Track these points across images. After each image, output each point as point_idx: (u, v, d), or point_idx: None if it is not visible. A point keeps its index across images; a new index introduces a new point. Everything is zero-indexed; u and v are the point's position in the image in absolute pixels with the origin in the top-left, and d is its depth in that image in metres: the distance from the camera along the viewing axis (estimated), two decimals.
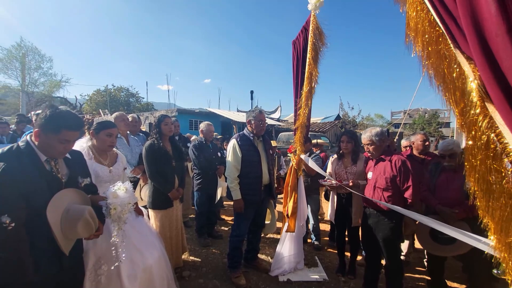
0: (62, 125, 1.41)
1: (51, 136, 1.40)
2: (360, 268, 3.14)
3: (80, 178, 1.63)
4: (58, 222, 1.39)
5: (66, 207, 1.44)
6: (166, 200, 2.82)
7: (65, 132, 1.42)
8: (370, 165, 2.65)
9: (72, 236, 1.45)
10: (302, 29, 2.85)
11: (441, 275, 2.73)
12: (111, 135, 2.11)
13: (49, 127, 1.39)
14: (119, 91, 27.91)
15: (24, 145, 1.40)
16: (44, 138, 1.40)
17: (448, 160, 2.56)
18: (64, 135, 1.42)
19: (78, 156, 1.75)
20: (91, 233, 1.50)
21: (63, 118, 1.43)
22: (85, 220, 1.44)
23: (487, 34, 0.76)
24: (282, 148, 8.46)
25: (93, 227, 1.49)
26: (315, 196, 3.97)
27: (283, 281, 2.93)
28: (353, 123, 22.95)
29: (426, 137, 3.42)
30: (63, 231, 1.41)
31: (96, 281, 1.92)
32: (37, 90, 21.00)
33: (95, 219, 1.50)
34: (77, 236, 1.47)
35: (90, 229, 1.47)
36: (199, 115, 19.14)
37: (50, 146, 1.42)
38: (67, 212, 1.42)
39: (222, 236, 4.09)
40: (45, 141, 1.41)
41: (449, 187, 2.54)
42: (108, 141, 2.11)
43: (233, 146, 2.87)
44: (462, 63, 0.86)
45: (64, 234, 1.41)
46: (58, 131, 1.40)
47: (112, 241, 1.75)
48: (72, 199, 1.50)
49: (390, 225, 2.42)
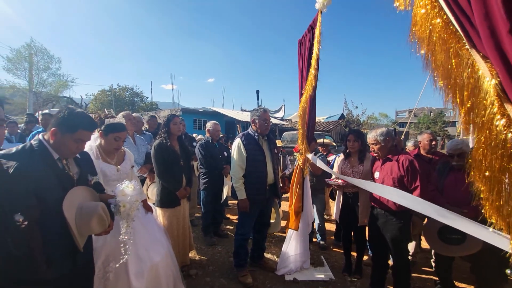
0: (79, 125, 1.47)
1: (67, 135, 1.44)
2: (366, 268, 3.13)
3: (90, 176, 1.68)
4: (73, 219, 1.43)
5: (80, 204, 1.47)
6: (174, 199, 2.84)
7: (81, 132, 1.47)
8: (377, 165, 2.63)
9: (86, 232, 1.50)
10: (308, 28, 2.84)
11: (449, 275, 2.71)
12: (119, 139, 2.12)
13: (66, 126, 1.44)
14: (124, 90, 28.12)
15: (37, 143, 1.43)
16: (60, 137, 1.44)
17: (457, 160, 2.53)
18: (80, 134, 1.47)
19: (86, 155, 1.79)
20: (104, 228, 1.54)
21: (80, 119, 1.49)
22: (99, 216, 1.48)
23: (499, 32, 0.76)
24: (287, 147, 8.44)
25: (106, 223, 1.53)
26: (320, 196, 3.96)
27: (289, 280, 2.93)
28: (357, 122, 22.84)
29: (432, 136, 3.39)
30: (77, 227, 1.44)
31: (105, 278, 1.95)
32: (45, 90, 21.26)
33: (108, 215, 1.55)
34: (91, 232, 1.51)
35: (103, 224, 1.52)
36: (203, 114, 19.21)
37: (65, 145, 1.45)
38: (81, 209, 1.46)
39: (228, 235, 4.11)
40: (60, 140, 1.45)
41: (458, 187, 2.51)
42: (115, 144, 2.13)
43: (238, 146, 2.87)
44: (478, 62, 0.85)
45: (79, 230, 1.45)
46: (75, 131, 1.45)
47: (120, 238, 1.78)
48: (84, 197, 1.53)
49: (398, 225, 2.40)
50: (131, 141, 3.49)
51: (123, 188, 1.78)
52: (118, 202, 1.72)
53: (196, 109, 20.87)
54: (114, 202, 1.72)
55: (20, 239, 1.20)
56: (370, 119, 27.53)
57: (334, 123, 20.13)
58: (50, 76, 21.54)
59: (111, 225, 1.61)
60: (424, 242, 3.65)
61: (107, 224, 1.54)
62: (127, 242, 1.83)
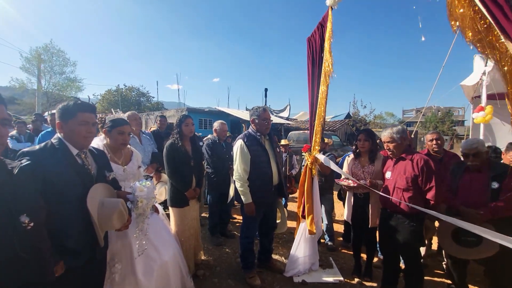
0: (77, 109, 1.53)
1: (70, 122, 1.51)
2: (376, 270, 3.07)
3: (107, 172, 1.72)
4: (96, 214, 1.48)
5: (101, 200, 1.53)
6: (183, 199, 2.83)
7: (81, 114, 1.53)
8: (388, 165, 2.56)
9: (106, 227, 1.56)
10: (318, 26, 2.78)
11: (463, 279, 2.63)
12: (123, 132, 2.13)
13: (66, 114, 1.52)
14: (130, 91, 28.37)
15: (57, 141, 1.51)
16: (66, 126, 1.51)
17: (472, 160, 2.44)
18: (81, 116, 1.52)
19: (102, 152, 1.85)
20: (123, 224, 1.60)
21: (75, 104, 1.56)
22: (119, 212, 1.55)
23: None
24: (293, 147, 8.38)
25: (126, 218, 1.60)
26: (328, 196, 3.91)
27: (298, 282, 2.89)
28: (364, 122, 22.60)
29: (436, 135, 3.29)
30: (99, 222, 1.49)
31: (111, 278, 1.95)
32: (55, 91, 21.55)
33: (127, 211, 1.62)
34: (111, 227, 1.57)
35: (123, 220, 1.59)
36: (209, 114, 19.24)
37: (74, 132, 1.51)
38: (102, 204, 1.52)
39: (234, 235, 4.07)
40: (68, 129, 1.51)
41: (473, 188, 2.43)
42: (120, 139, 2.14)
43: (241, 147, 2.74)
44: None
45: (100, 225, 1.50)
46: (75, 114, 1.51)
47: (135, 236, 1.86)
48: (103, 193, 1.59)
49: (410, 228, 2.33)
50: (137, 141, 3.50)
51: (141, 184, 1.84)
52: (136, 198, 1.78)
53: (201, 108, 20.91)
54: (132, 198, 1.78)
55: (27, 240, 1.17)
56: (376, 119, 27.24)
57: (340, 122, 19.92)
58: (64, 79, 21.91)
59: (129, 220, 1.67)
60: (434, 245, 3.58)
61: (126, 219, 1.60)
62: (143, 238, 1.92)
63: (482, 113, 4.21)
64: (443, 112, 31.32)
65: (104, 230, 1.57)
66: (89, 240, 1.49)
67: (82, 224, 1.46)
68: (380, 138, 2.72)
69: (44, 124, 5.50)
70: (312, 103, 3.00)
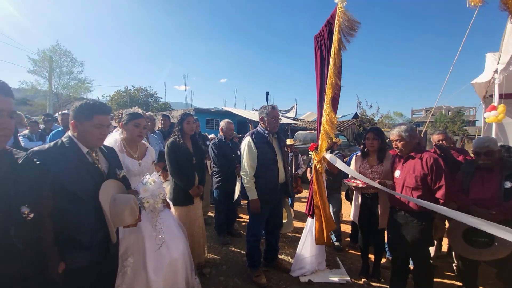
0: (94, 111, 1.51)
1: (86, 123, 1.50)
2: (384, 271, 3.03)
3: (118, 170, 1.73)
4: (108, 211, 1.49)
5: (113, 196, 1.54)
6: (187, 197, 2.85)
7: (98, 117, 1.52)
8: (397, 164, 2.52)
9: (118, 223, 1.56)
10: (326, 23, 2.76)
11: (474, 281, 2.57)
12: (138, 125, 2.19)
13: (82, 115, 1.50)
14: (138, 91, 28.71)
15: (67, 140, 1.51)
16: (81, 127, 1.51)
17: (484, 158, 2.38)
18: (97, 119, 1.51)
19: (112, 150, 1.87)
20: (135, 219, 1.61)
21: (93, 105, 1.54)
22: (131, 208, 1.56)
23: None
24: (300, 147, 8.34)
25: (137, 215, 1.60)
26: (336, 195, 3.87)
27: (304, 281, 2.87)
28: (372, 122, 22.31)
29: (443, 136, 3.21)
30: (111, 218, 1.51)
31: (122, 272, 1.97)
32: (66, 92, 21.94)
33: (138, 207, 1.63)
34: (123, 223, 1.58)
35: (135, 216, 1.59)
36: (216, 114, 19.32)
37: (88, 133, 1.51)
38: (114, 200, 1.53)
39: (241, 234, 4.08)
40: (82, 130, 1.51)
41: (485, 187, 2.37)
42: (136, 131, 2.19)
43: (249, 144, 2.79)
44: None
45: (112, 221, 1.51)
46: (91, 117, 1.50)
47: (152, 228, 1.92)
48: (114, 190, 1.60)
49: (419, 227, 2.29)
50: (145, 140, 3.52)
51: (144, 184, 1.85)
52: (141, 199, 1.80)
53: (208, 109, 21.01)
54: (138, 199, 1.79)
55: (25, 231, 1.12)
56: (385, 118, 26.84)
57: (348, 122, 19.69)
58: (72, 79, 22.28)
59: (139, 217, 1.68)
60: (444, 246, 3.51)
61: (137, 215, 1.61)
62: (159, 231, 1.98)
63: (494, 112, 4.10)
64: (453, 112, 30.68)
65: (116, 226, 1.57)
66: (102, 237, 1.50)
67: (94, 221, 1.46)
68: (389, 137, 2.68)
69: (55, 124, 5.62)
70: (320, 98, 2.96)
